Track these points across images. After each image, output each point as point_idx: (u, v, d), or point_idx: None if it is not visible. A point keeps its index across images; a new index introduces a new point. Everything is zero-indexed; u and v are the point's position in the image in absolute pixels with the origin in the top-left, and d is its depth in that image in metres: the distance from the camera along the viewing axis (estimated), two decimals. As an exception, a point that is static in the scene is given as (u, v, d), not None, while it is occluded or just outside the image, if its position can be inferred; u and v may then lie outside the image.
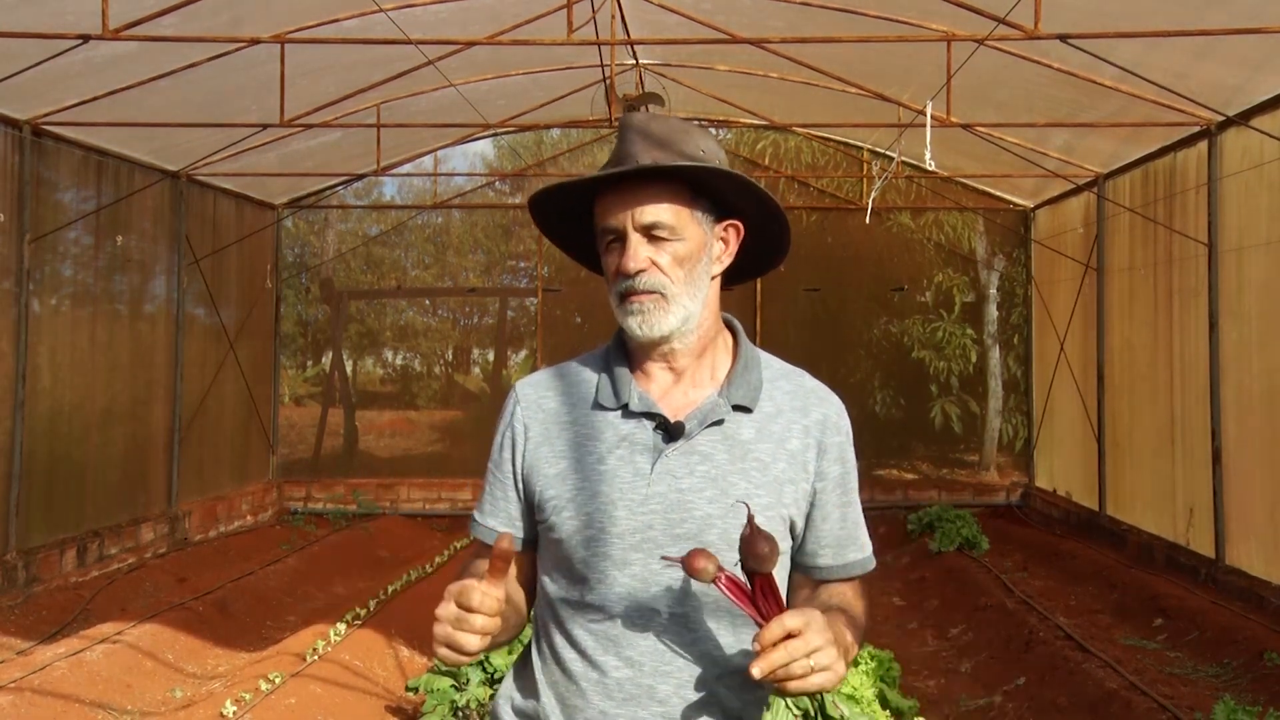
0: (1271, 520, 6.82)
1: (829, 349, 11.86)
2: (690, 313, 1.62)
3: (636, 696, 1.57)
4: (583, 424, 1.66)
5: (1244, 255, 7.16)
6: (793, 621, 1.37)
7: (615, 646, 1.58)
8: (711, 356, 1.69)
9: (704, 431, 1.62)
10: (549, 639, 1.66)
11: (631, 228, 1.60)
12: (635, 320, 1.61)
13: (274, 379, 11.86)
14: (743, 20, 7.70)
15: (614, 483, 1.60)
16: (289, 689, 5.28)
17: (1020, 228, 11.62)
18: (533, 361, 12.19)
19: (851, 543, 1.70)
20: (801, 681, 1.36)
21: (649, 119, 1.66)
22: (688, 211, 1.62)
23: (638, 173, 1.59)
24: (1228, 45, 6.09)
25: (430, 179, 12.05)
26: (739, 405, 1.64)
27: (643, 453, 1.61)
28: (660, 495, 1.59)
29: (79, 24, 5.93)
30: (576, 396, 1.69)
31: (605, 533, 1.59)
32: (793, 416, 1.67)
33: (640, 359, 1.68)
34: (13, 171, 7.45)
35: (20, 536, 7.43)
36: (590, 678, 1.59)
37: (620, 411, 1.64)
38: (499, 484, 1.72)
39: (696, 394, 1.66)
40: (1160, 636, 6.64)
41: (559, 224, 1.76)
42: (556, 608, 1.65)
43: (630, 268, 1.59)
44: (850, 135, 11.11)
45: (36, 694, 5.14)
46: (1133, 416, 9.09)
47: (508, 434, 1.72)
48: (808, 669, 1.36)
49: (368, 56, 7.84)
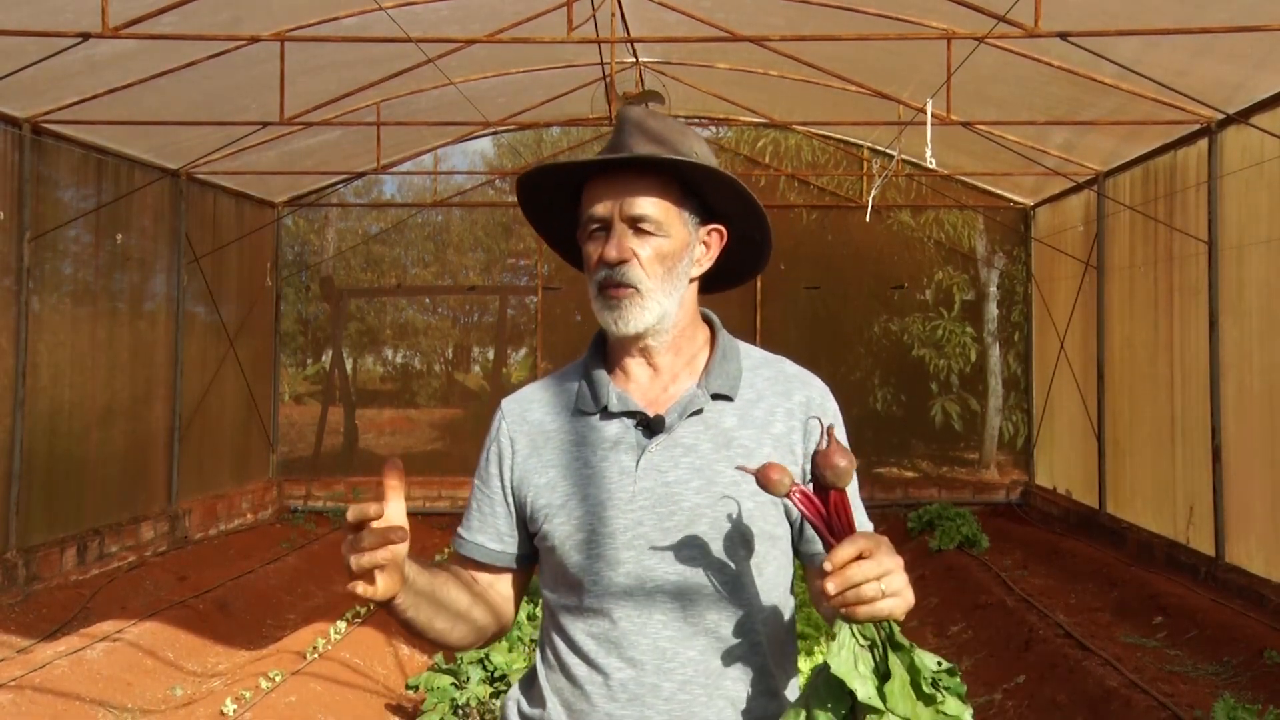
0: (1271, 518, 6.82)
1: (829, 347, 11.86)
2: (665, 311, 1.62)
3: (641, 696, 1.56)
4: (567, 431, 1.66)
5: (1244, 253, 7.16)
6: (866, 542, 1.33)
7: (616, 648, 1.58)
8: (690, 352, 1.69)
9: (685, 423, 1.62)
10: (552, 646, 1.65)
11: (618, 217, 1.59)
12: (611, 316, 1.61)
13: (274, 377, 11.86)
14: (743, 18, 7.70)
15: (601, 484, 1.60)
16: (289, 687, 5.28)
17: (1020, 226, 11.62)
18: (533, 360, 12.19)
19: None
20: (871, 606, 1.32)
21: (647, 114, 1.66)
22: (675, 209, 1.62)
23: (632, 161, 1.59)
24: (1228, 43, 6.08)
25: (430, 177, 12.04)
26: (718, 394, 1.64)
27: (627, 451, 1.61)
28: (647, 490, 1.58)
29: (79, 22, 5.93)
30: (559, 406, 1.70)
31: (596, 534, 1.59)
32: (775, 401, 1.66)
33: (619, 357, 1.68)
34: (13, 170, 7.45)
35: (20, 535, 7.43)
36: (594, 681, 1.58)
37: (600, 414, 1.64)
38: (488, 500, 1.71)
39: (675, 388, 1.66)
40: (1160, 634, 6.65)
41: (544, 208, 1.75)
42: (558, 615, 1.65)
43: (612, 256, 1.58)
44: (850, 133, 11.10)
45: (37, 692, 5.15)
46: (1133, 414, 9.09)
47: (494, 449, 1.72)
48: (878, 592, 1.31)
49: (368, 54, 7.83)
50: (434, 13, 7.28)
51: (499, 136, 12.37)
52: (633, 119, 1.65)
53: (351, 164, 10.61)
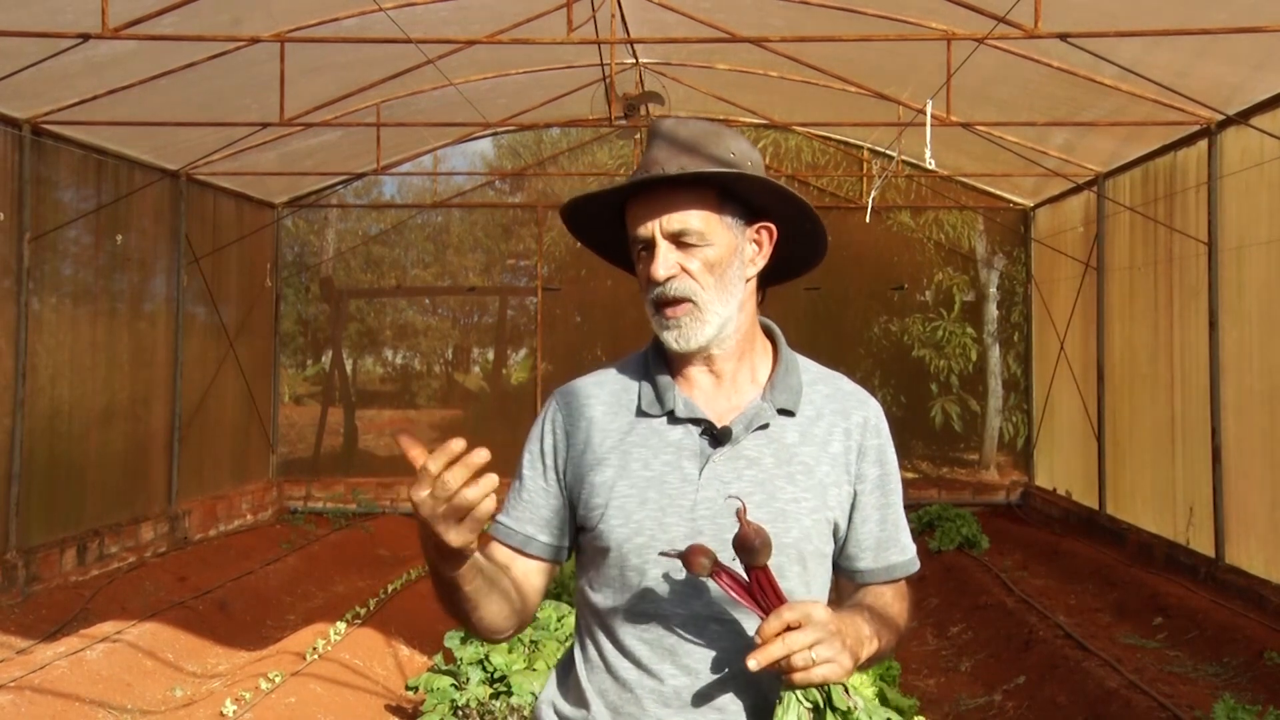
0: (1271, 519, 6.82)
1: (829, 348, 11.85)
2: (726, 318, 1.62)
3: (693, 704, 1.56)
4: (628, 431, 1.65)
5: (1244, 254, 7.16)
6: (791, 615, 1.39)
7: (671, 654, 1.57)
8: (751, 359, 1.69)
9: (750, 436, 1.62)
10: (598, 647, 1.64)
11: (660, 235, 1.60)
12: (671, 335, 1.61)
13: (274, 378, 11.85)
14: (742, 19, 7.70)
15: (663, 489, 1.59)
16: (289, 688, 5.28)
17: (1020, 226, 11.62)
18: (533, 360, 12.19)
19: (893, 544, 1.70)
20: (805, 674, 1.38)
21: (677, 124, 1.65)
22: (716, 216, 1.61)
23: (659, 181, 1.59)
24: (1228, 44, 6.08)
25: (430, 178, 12.05)
26: (782, 409, 1.64)
27: (690, 458, 1.61)
28: (709, 500, 1.58)
29: (79, 23, 5.93)
30: (619, 404, 1.68)
31: (656, 540, 1.57)
32: (834, 420, 1.67)
33: (681, 364, 1.67)
34: (12, 170, 7.45)
35: (20, 535, 7.42)
36: (646, 685, 1.58)
37: (666, 418, 1.64)
38: (540, 491, 1.68)
39: (739, 398, 1.66)
40: (1160, 635, 6.65)
41: (592, 231, 1.75)
42: (604, 616, 1.63)
43: (659, 274, 1.59)
44: (850, 134, 11.11)
45: (36, 693, 5.14)
46: (1133, 415, 9.09)
47: (547, 440, 1.69)
48: (809, 661, 1.37)
49: (368, 55, 7.83)
50: (434, 14, 7.29)
51: (499, 137, 12.36)
52: (663, 132, 1.64)
53: (351, 165, 10.61)
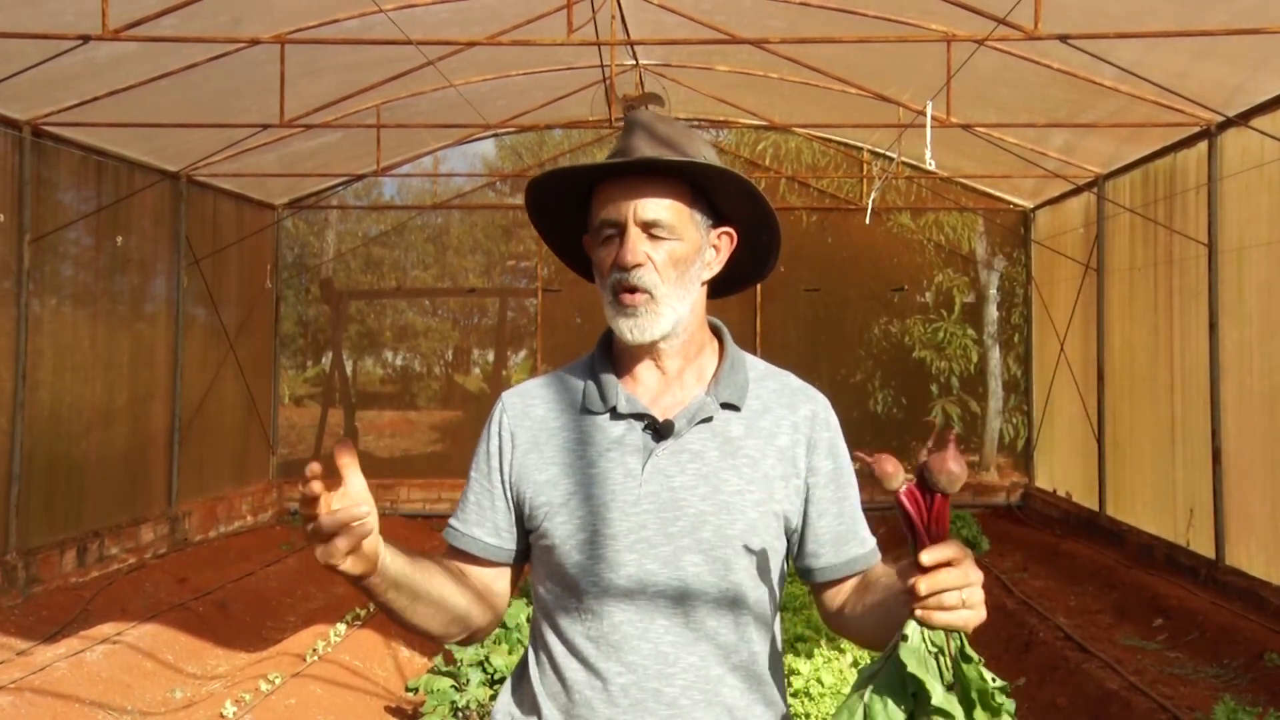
0: (1272, 520, 6.81)
1: (829, 349, 11.87)
2: (679, 316, 1.61)
3: (642, 701, 1.54)
4: (571, 429, 1.65)
5: (1244, 255, 7.16)
6: (957, 550, 1.32)
7: (616, 652, 1.55)
8: (698, 359, 1.68)
9: (693, 429, 1.61)
10: (547, 649, 1.62)
11: (632, 221, 1.58)
12: (627, 324, 1.60)
13: (274, 379, 11.85)
14: (743, 20, 7.70)
15: (606, 485, 1.58)
16: (289, 689, 5.28)
17: (1020, 228, 11.62)
18: (533, 361, 12.19)
19: (852, 537, 1.69)
20: (949, 614, 1.31)
21: (655, 118, 1.65)
22: (688, 212, 1.61)
23: (645, 164, 1.58)
24: (1228, 45, 6.08)
25: (430, 179, 12.05)
26: (727, 403, 1.64)
27: (633, 453, 1.60)
28: (653, 494, 1.57)
29: (79, 24, 5.92)
30: (564, 403, 1.68)
31: (599, 535, 1.57)
32: (780, 413, 1.66)
33: (628, 362, 1.67)
34: (13, 172, 7.45)
35: (20, 537, 7.42)
36: (594, 686, 1.56)
37: (609, 415, 1.63)
38: (485, 493, 1.68)
39: (684, 394, 1.65)
40: (1160, 637, 6.64)
41: (549, 212, 1.73)
42: (554, 616, 1.62)
43: (628, 260, 1.57)
44: (850, 136, 11.11)
45: (36, 694, 5.14)
46: (1133, 417, 9.09)
47: (494, 442, 1.68)
48: (958, 602, 1.31)
49: (368, 57, 7.83)
50: (434, 15, 7.29)
51: (500, 139, 12.37)
52: (641, 122, 1.64)
53: (351, 166, 10.61)
